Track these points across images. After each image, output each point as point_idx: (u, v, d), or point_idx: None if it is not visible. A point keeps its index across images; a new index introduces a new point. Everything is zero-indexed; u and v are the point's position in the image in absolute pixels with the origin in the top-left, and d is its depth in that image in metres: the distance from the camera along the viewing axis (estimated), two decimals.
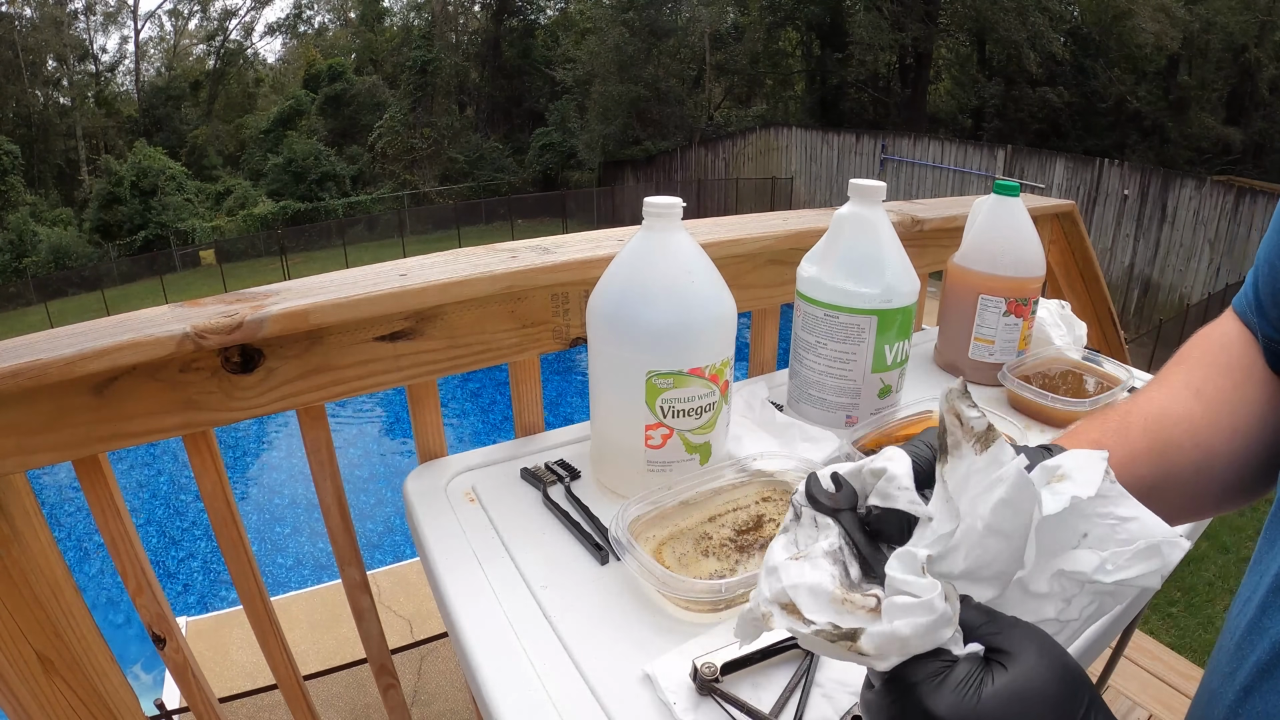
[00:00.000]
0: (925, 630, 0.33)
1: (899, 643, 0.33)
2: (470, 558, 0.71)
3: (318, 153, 22.25)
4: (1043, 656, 0.34)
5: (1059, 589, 0.36)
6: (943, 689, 0.33)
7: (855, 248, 0.85)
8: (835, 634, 0.34)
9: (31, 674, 0.72)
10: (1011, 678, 0.33)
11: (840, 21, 18.39)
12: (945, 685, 0.33)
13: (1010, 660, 0.34)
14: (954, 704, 0.33)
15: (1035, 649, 0.34)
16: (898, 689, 0.34)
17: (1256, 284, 0.58)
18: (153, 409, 0.73)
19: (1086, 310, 1.58)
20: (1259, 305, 0.58)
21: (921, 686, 0.34)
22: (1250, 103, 16.51)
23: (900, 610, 0.33)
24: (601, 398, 0.78)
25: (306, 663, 1.27)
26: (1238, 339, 0.58)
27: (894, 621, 0.33)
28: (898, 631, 0.33)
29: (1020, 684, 0.33)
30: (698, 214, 1.33)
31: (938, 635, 0.33)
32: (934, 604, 0.33)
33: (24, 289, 17.29)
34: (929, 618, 0.33)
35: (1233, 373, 0.56)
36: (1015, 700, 0.32)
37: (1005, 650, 0.34)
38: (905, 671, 0.34)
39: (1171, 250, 11.39)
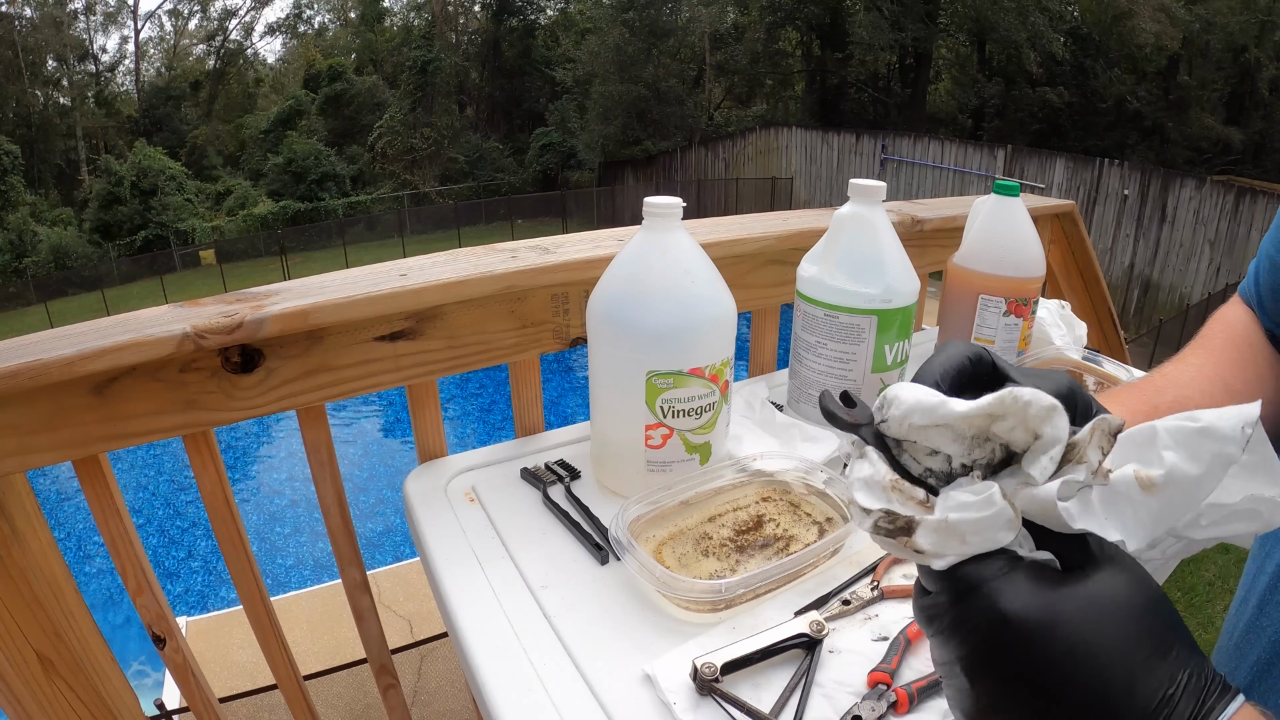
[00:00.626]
0: (983, 525, 0.31)
1: (956, 537, 0.31)
2: (470, 558, 0.71)
3: (318, 153, 22.25)
4: (1126, 574, 0.31)
5: None
6: (1013, 585, 0.30)
7: (855, 248, 0.85)
8: (891, 525, 0.32)
9: (31, 674, 0.72)
10: (1090, 587, 0.30)
11: (840, 21, 18.38)
12: (1015, 581, 0.30)
13: (1090, 568, 0.31)
14: (1026, 602, 0.29)
15: (1117, 566, 0.31)
16: (959, 587, 0.31)
17: (1258, 278, 0.59)
18: (153, 409, 0.73)
19: (1086, 310, 1.58)
20: (1259, 298, 0.58)
21: (989, 584, 0.30)
22: (1250, 103, 16.51)
23: (955, 505, 0.31)
24: (601, 398, 0.78)
25: (306, 663, 1.27)
26: (1250, 324, 0.59)
27: (950, 514, 0.31)
28: (954, 524, 0.31)
29: (1099, 590, 0.30)
30: (698, 214, 1.32)
31: (998, 534, 0.31)
32: (993, 498, 0.31)
33: (24, 289, 17.30)
34: (987, 512, 0.31)
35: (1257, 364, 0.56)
36: (1095, 605, 0.29)
37: (1083, 563, 0.31)
38: (968, 568, 0.31)
39: (1171, 250, 11.39)
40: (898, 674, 0.57)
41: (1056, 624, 0.29)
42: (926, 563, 0.32)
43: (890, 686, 0.55)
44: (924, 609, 0.33)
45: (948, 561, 0.32)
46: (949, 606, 0.32)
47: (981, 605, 0.30)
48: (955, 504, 0.31)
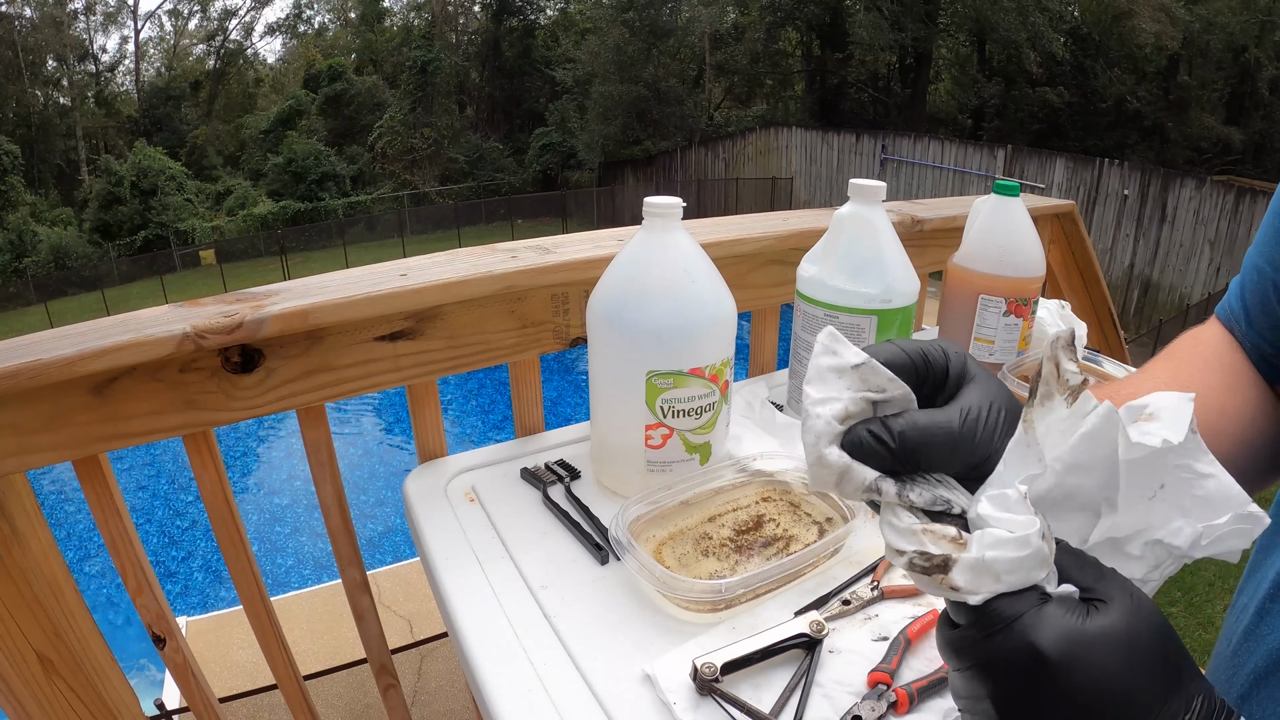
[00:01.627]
0: (1019, 565, 0.31)
1: (991, 575, 0.31)
2: (470, 558, 0.71)
3: (318, 153, 22.26)
4: (1140, 606, 0.32)
5: (1151, 555, 0.35)
6: (1047, 622, 0.31)
7: (855, 248, 0.85)
8: (928, 563, 0.33)
9: (31, 674, 0.72)
10: (1113, 620, 0.31)
11: (840, 21, 18.37)
12: (1048, 618, 0.31)
13: (1108, 604, 0.32)
14: (1061, 639, 0.30)
15: (1131, 598, 0.32)
16: (992, 623, 0.32)
17: (1243, 293, 0.58)
18: (153, 409, 0.73)
19: (1086, 310, 1.58)
20: (1246, 313, 0.57)
21: (1023, 620, 0.31)
22: (1250, 103, 16.51)
23: (993, 543, 0.32)
24: (601, 398, 0.78)
25: (306, 663, 1.27)
26: (1226, 344, 0.58)
27: (986, 552, 0.32)
28: (990, 563, 0.31)
29: (1124, 626, 0.31)
30: (698, 214, 1.32)
31: (1032, 573, 0.32)
32: (1030, 539, 0.31)
33: (24, 289, 17.30)
34: (1024, 552, 0.31)
35: (1224, 374, 0.55)
36: (1121, 641, 0.30)
37: (1101, 595, 0.32)
38: (1000, 605, 0.32)
39: (1171, 250, 11.39)
40: (898, 674, 0.57)
41: (1090, 660, 0.30)
42: (961, 599, 0.33)
43: (890, 686, 0.55)
44: (952, 642, 0.34)
45: (982, 597, 0.32)
46: (980, 641, 0.32)
47: (1017, 642, 0.31)
48: (992, 541, 0.32)
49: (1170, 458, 0.34)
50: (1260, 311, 0.55)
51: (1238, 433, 0.52)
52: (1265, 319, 0.55)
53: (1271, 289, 0.54)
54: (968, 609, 0.33)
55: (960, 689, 0.34)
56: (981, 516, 0.33)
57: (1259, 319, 0.56)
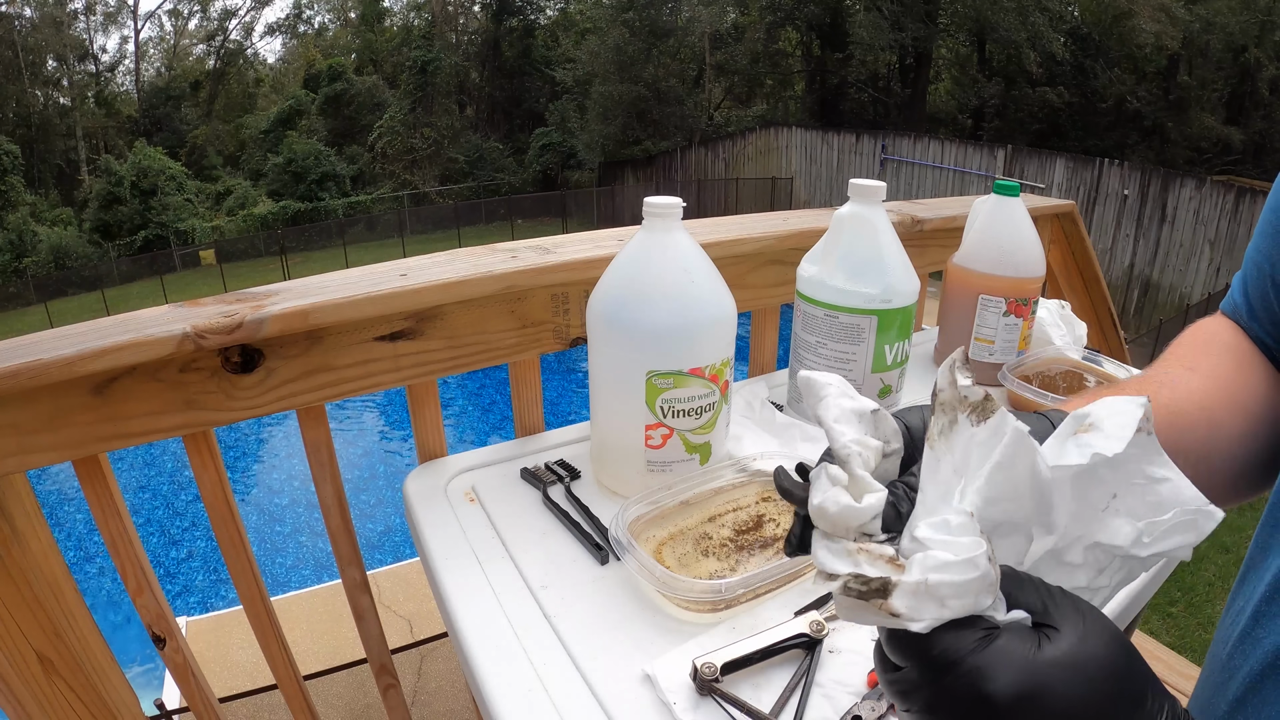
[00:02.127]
0: (965, 589, 0.29)
1: (936, 600, 0.29)
2: (470, 558, 0.71)
3: (318, 153, 22.26)
4: (1093, 625, 0.30)
5: (1093, 560, 0.34)
6: (993, 660, 0.29)
7: (855, 248, 0.85)
8: (864, 587, 0.30)
9: (31, 674, 0.72)
10: (1066, 648, 0.29)
11: (840, 21, 18.38)
12: (995, 655, 0.29)
13: (1061, 628, 0.30)
14: (1010, 679, 0.28)
15: (1083, 617, 0.30)
16: (940, 662, 0.30)
17: (1245, 288, 0.58)
18: (153, 409, 0.73)
19: (1086, 310, 1.58)
20: (1249, 307, 0.57)
21: (967, 660, 0.29)
22: (1250, 103, 16.51)
23: (936, 565, 0.29)
24: (601, 398, 0.78)
25: (306, 663, 1.27)
26: (1232, 333, 0.58)
27: (929, 575, 0.29)
28: (934, 587, 0.29)
29: (1077, 652, 0.29)
30: (698, 214, 1.32)
31: (979, 598, 0.30)
32: (976, 561, 0.29)
33: (24, 289, 17.30)
34: (971, 575, 0.29)
35: (1234, 355, 0.55)
36: (1077, 669, 0.29)
37: (1051, 621, 0.30)
38: (944, 642, 0.29)
39: (1171, 250, 11.38)
40: None
41: (1043, 698, 0.28)
42: (901, 626, 0.30)
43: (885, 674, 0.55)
44: (894, 684, 0.32)
45: (927, 625, 0.30)
46: (924, 685, 0.30)
47: (962, 686, 0.29)
48: (935, 564, 0.30)
49: (1121, 463, 0.32)
50: (1261, 306, 0.56)
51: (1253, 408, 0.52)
52: (1266, 314, 0.56)
53: (1270, 285, 0.54)
54: (909, 648, 0.31)
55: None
56: (920, 540, 0.31)
57: (1261, 313, 0.56)
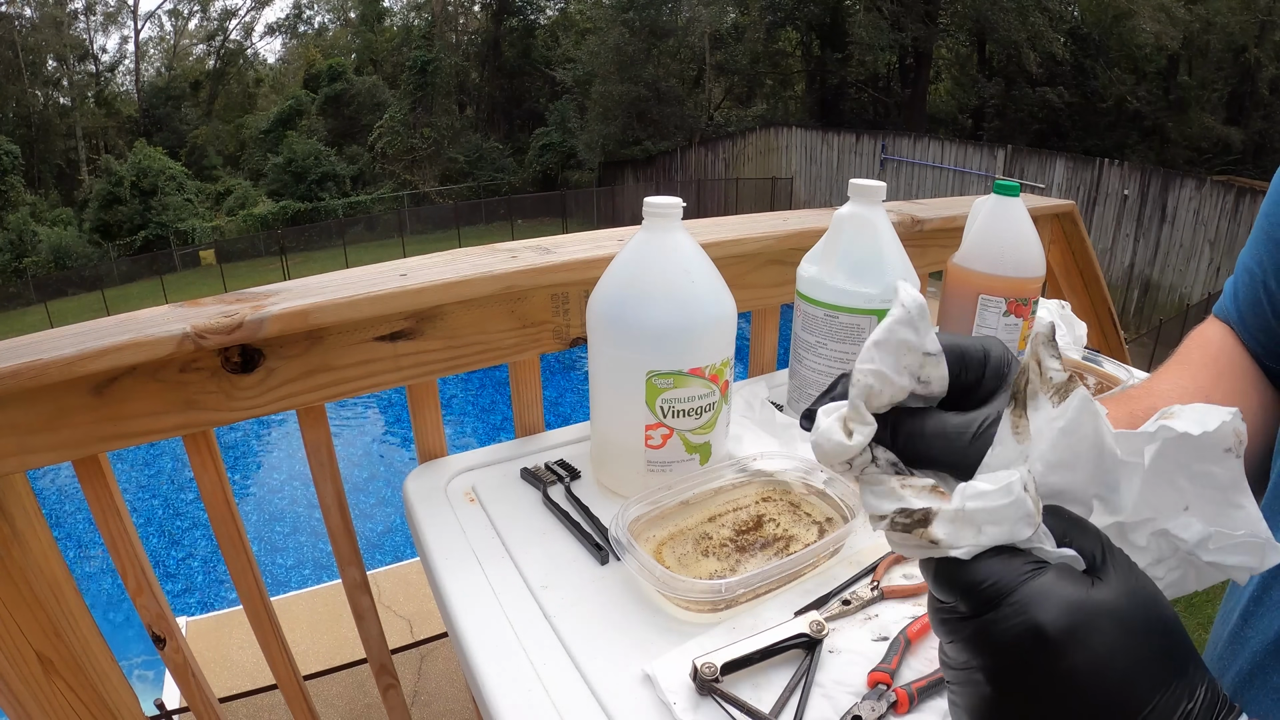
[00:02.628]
0: (1001, 515, 0.29)
1: (972, 527, 0.29)
2: (470, 558, 0.71)
3: (318, 153, 22.25)
4: (1145, 584, 0.30)
5: (1155, 547, 0.33)
6: (1042, 594, 0.28)
7: (855, 248, 0.85)
8: (908, 520, 0.31)
9: (31, 674, 0.72)
10: (1117, 594, 0.28)
11: (840, 21, 18.38)
12: (1044, 589, 0.28)
13: (1110, 578, 0.29)
14: (1059, 613, 0.28)
15: (1136, 576, 0.30)
16: (988, 592, 0.29)
17: (1236, 294, 0.58)
18: (153, 409, 0.73)
19: (1086, 310, 1.58)
20: (1239, 314, 0.57)
21: (1020, 593, 0.28)
22: (1250, 103, 16.50)
23: (974, 494, 0.30)
24: (601, 398, 0.78)
25: (306, 663, 1.27)
26: (1232, 343, 0.58)
27: (967, 503, 0.30)
28: (971, 514, 0.29)
29: (1126, 604, 0.28)
30: (698, 214, 1.32)
31: (1016, 527, 0.29)
32: (1011, 487, 0.29)
33: (24, 289, 17.29)
34: (1005, 500, 0.29)
35: (1236, 378, 0.55)
36: (1126, 618, 0.28)
37: (1105, 569, 0.30)
38: (991, 568, 0.29)
39: (1171, 250, 11.38)
40: (898, 674, 0.57)
41: (1091, 636, 0.28)
42: (942, 553, 0.30)
43: (890, 686, 0.55)
44: (943, 619, 0.32)
45: (965, 551, 0.30)
46: (971, 616, 0.30)
47: (1011, 618, 0.29)
48: (973, 492, 0.30)
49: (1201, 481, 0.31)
50: (1252, 313, 0.56)
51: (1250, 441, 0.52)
52: (1256, 320, 0.56)
53: (1262, 290, 0.54)
54: (956, 580, 0.30)
55: (951, 657, 0.32)
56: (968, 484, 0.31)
57: (1251, 320, 0.56)
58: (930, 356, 0.35)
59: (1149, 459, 0.31)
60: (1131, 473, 0.32)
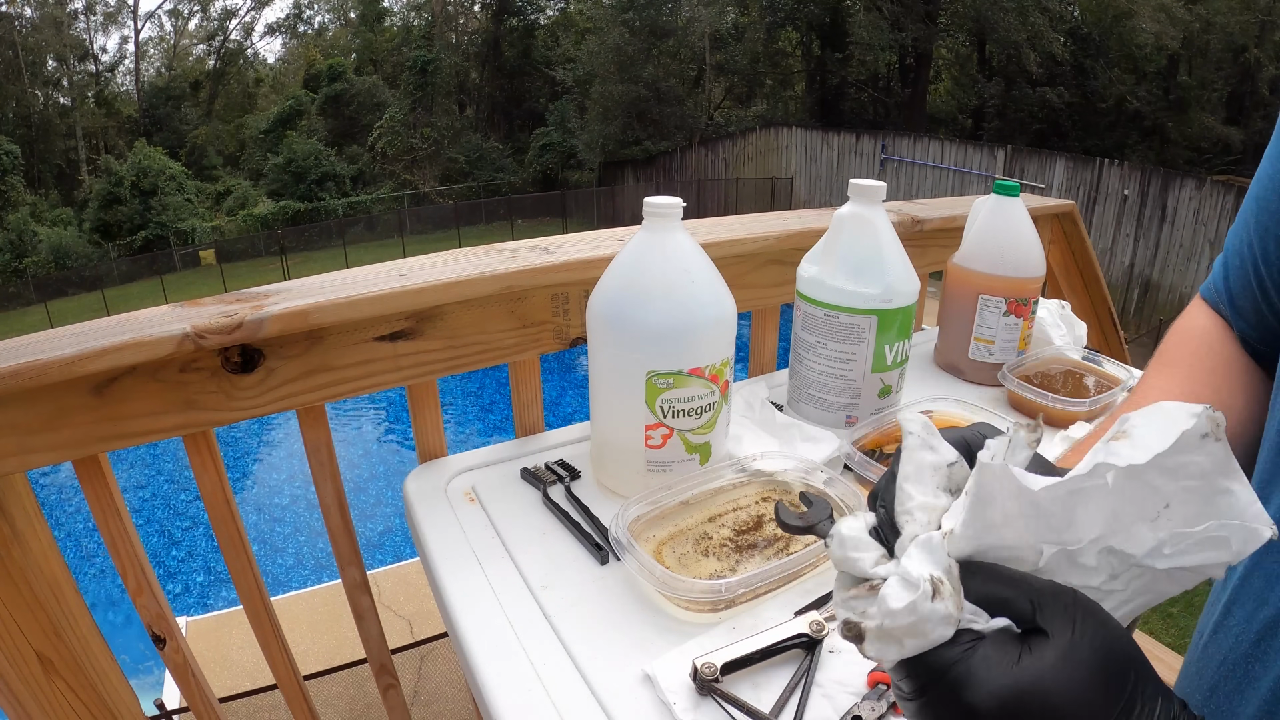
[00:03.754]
0: (916, 629, 0.30)
1: (895, 643, 0.31)
2: (470, 558, 0.71)
3: (318, 153, 22.25)
4: (1083, 628, 0.30)
5: (1106, 565, 0.33)
6: (973, 671, 0.29)
7: (855, 248, 0.85)
8: (850, 635, 0.33)
9: (31, 674, 0.72)
10: (1052, 654, 0.29)
11: (840, 21, 18.38)
12: (974, 666, 0.29)
13: (1049, 633, 0.30)
14: (990, 689, 0.29)
15: (1073, 623, 0.30)
16: (919, 680, 0.31)
17: (1227, 273, 0.57)
18: (153, 409, 0.73)
19: (1086, 310, 1.58)
20: (1230, 295, 0.56)
21: (949, 674, 0.30)
22: (1250, 103, 16.50)
23: (887, 612, 0.31)
24: (601, 398, 0.78)
25: (306, 663, 1.27)
26: (1216, 333, 0.57)
27: (884, 621, 0.31)
28: (889, 630, 0.31)
29: (1061, 660, 0.29)
30: (698, 214, 1.32)
31: (936, 634, 0.30)
32: (915, 606, 0.30)
33: (24, 289, 17.30)
34: (913, 618, 0.30)
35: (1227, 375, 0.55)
36: (1058, 678, 0.28)
37: (1039, 625, 0.30)
38: (928, 660, 0.30)
39: (1171, 250, 11.38)
40: None
41: (1024, 706, 0.28)
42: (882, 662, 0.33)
43: (890, 686, 0.55)
44: (898, 699, 0.34)
45: (891, 662, 0.32)
46: (914, 696, 0.31)
47: (945, 698, 0.30)
48: (886, 610, 0.31)
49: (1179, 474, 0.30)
50: (1243, 293, 0.55)
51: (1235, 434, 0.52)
52: (1247, 301, 0.54)
53: (1252, 270, 0.53)
54: (899, 666, 0.32)
55: None
56: (903, 566, 0.32)
57: (1242, 301, 0.55)
58: (953, 466, 0.36)
59: (1111, 478, 0.31)
60: (1087, 499, 0.31)
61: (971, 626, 0.31)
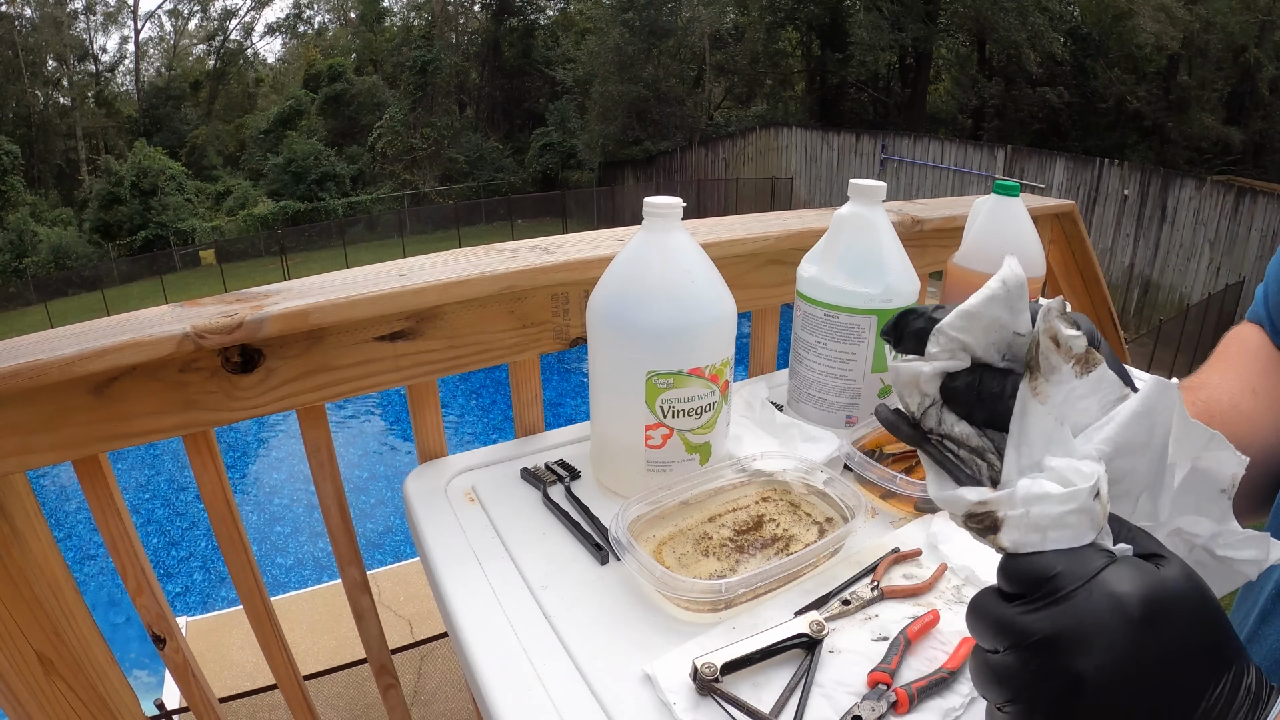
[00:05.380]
0: (1067, 520, 0.30)
1: (1038, 532, 0.31)
2: (470, 558, 0.71)
3: (318, 153, 22.24)
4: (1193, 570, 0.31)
5: (1172, 546, 0.34)
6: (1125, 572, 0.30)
7: (855, 248, 0.85)
8: (979, 526, 0.32)
9: (31, 674, 0.72)
10: (1182, 576, 0.30)
11: (840, 21, 18.38)
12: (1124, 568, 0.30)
13: (1169, 561, 0.31)
14: (1144, 586, 0.29)
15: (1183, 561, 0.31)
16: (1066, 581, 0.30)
17: (1268, 302, 0.59)
18: (153, 409, 0.73)
19: (1086, 310, 1.58)
20: (1271, 324, 0.58)
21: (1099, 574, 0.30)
22: (1250, 103, 16.49)
23: (1039, 496, 0.31)
24: (601, 398, 0.78)
25: (306, 663, 1.27)
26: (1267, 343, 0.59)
27: (1031, 508, 0.31)
28: (1035, 518, 0.30)
29: (1193, 585, 0.30)
30: (698, 214, 1.32)
31: (1081, 534, 0.30)
32: (1077, 494, 0.30)
33: (24, 289, 17.29)
34: (1071, 505, 0.30)
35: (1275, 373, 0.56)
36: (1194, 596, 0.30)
37: (1157, 553, 0.31)
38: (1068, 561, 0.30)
39: (1171, 250, 11.38)
40: (898, 674, 0.57)
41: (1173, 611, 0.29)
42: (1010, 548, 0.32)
43: (890, 686, 0.55)
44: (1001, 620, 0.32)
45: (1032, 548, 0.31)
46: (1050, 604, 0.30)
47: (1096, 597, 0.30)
48: (1039, 494, 0.31)
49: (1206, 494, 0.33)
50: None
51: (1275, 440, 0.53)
52: None
53: None
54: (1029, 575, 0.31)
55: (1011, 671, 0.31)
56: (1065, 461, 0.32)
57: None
58: (1020, 338, 0.35)
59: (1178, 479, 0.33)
60: (1175, 474, 0.33)
61: (1102, 544, 0.31)
